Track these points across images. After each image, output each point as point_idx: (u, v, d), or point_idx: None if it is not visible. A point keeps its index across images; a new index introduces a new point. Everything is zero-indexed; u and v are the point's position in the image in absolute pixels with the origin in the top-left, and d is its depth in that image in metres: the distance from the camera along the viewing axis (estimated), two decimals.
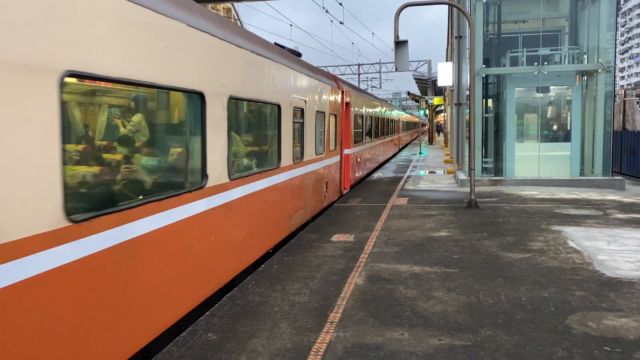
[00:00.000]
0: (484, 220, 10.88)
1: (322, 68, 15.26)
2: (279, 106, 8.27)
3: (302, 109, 9.73)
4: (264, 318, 5.61)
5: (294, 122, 9.05)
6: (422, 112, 56.23)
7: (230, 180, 6.28)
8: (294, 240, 9.23)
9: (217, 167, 5.90)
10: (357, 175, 16.88)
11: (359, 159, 17.14)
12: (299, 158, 9.60)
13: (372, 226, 10.43)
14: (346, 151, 14.98)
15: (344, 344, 4.93)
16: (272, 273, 7.26)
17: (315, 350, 4.81)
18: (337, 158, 13.63)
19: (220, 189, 6.01)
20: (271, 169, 7.98)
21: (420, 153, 35.80)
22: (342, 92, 14.14)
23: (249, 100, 7.01)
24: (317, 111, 11.00)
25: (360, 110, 17.33)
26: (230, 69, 6.33)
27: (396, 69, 13.28)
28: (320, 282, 6.82)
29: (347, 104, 14.87)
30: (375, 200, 13.93)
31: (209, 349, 4.88)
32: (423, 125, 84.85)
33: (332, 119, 12.92)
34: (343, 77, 38.92)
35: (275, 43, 9.93)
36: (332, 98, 12.73)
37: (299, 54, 11.05)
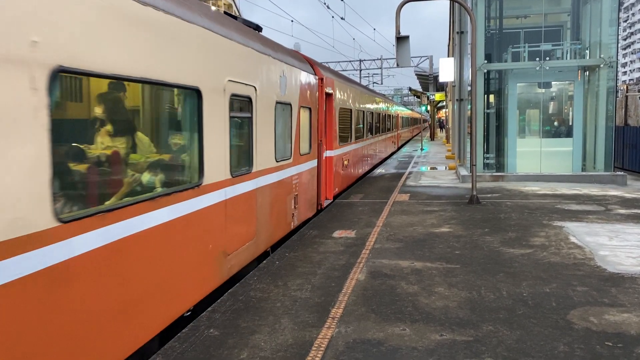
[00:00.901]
0: (486, 216, 10.87)
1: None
2: (198, 92, 5.46)
3: (249, 99, 7.03)
4: (265, 314, 5.62)
5: (232, 118, 6.34)
6: (423, 108, 56.15)
7: (62, 222, 3.52)
8: (295, 237, 9.24)
9: (19, 203, 3.19)
10: (342, 181, 14.34)
11: (345, 162, 14.57)
12: (244, 168, 6.87)
13: (373, 222, 10.44)
14: (328, 153, 12.37)
15: (346, 340, 4.95)
16: (274, 269, 7.28)
17: (317, 345, 4.83)
18: (312, 163, 10.80)
19: (29, 243, 3.25)
20: (182, 190, 5.19)
21: (421, 149, 35.79)
22: (321, 80, 11.47)
23: (114, 78, 4.19)
24: (279, 102, 8.34)
25: (348, 103, 14.89)
26: (57, 18, 3.52)
27: (397, 65, 13.24)
28: (322, 278, 6.83)
29: (329, 95, 12.27)
30: (376, 197, 13.93)
31: (211, 344, 4.89)
32: (424, 121, 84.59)
33: (305, 113, 10.12)
34: (344, 73, 37.98)
35: (224, 12, 7.59)
36: (304, 86, 10.01)
37: (257, 28, 8.48)
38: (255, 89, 7.25)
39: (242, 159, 6.93)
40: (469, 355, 4.57)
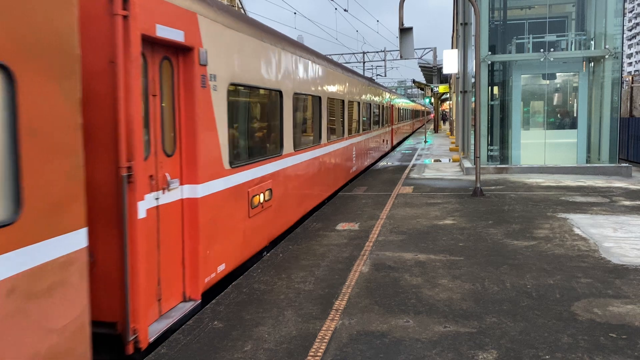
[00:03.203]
0: (490, 208, 10.85)
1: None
2: None
3: None
4: (269, 306, 5.64)
5: None
6: (427, 100, 55.96)
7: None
8: (299, 230, 9.25)
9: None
10: (248, 240, 7.00)
11: (261, 198, 7.43)
12: None
13: (377, 215, 10.43)
14: (188, 190, 5.54)
15: (349, 332, 4.96)
16: (278, 261, 7.29)
17: (320, 337, 4.84)
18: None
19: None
20: None
21: (425, 142, 35.73)
22: (132, 3, 4.34)
23: None
24: None
25: (270, 77, 7.78)
26: None
27: (401, 57, 13.17)
28: (326, 271, 6.84)
29: (185, 50, 5.38)
30: (380, 189, 13.92)
31: (215, 336, 4.91)
32: (428, 113, 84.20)
33: None
34: (348, 65, 36.57)
35: None
36: None
37: None
38: None
39: None
40: (473, 347, 4.58)
